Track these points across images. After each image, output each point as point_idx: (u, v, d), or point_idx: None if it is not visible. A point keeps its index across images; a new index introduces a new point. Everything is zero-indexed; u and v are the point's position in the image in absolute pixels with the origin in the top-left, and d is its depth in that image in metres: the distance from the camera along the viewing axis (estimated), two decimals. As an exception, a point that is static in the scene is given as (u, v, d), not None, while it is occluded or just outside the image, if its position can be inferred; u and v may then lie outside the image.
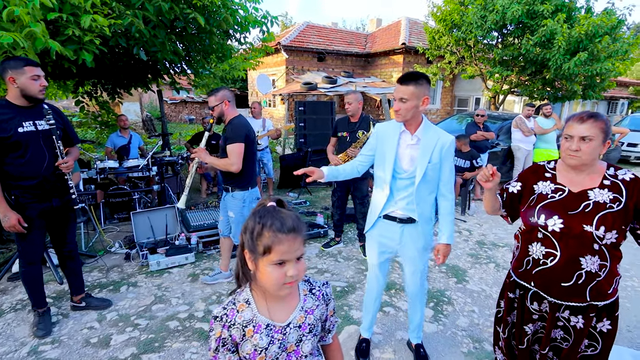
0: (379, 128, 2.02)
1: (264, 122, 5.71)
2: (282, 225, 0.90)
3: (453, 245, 4.08)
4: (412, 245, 1.99)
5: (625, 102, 15.03)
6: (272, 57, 13.10)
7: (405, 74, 1.80)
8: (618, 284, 1.52)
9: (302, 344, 1.01)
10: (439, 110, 13.70)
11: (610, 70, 7.62)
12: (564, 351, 1.60)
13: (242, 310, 0.98)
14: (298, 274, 0.93)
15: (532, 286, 1.58)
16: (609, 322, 1.52)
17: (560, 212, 1.47)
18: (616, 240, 1.42)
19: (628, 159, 9.86)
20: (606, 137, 1.43)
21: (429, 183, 1.91)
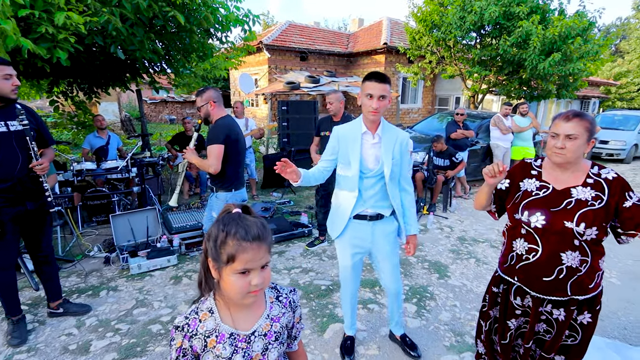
0: (339, 131, 1.99)
1: (246, 121, 5.67)
2: (247, 234, 0.88)
3: (435, 241, 4.20)
4: (384, 240, 2.03)
5: (596, 101, 15.67)
6: (255, 56, 13.01)
7: (378, 73, 1.82)
8: (601, 279, 1.56)
9: (269, 352, 0.99)
10: (420, 109, 13.91)
11: (582, 70, 7.91)
12: (546, 343, 1.65)
13: (204, 320, 0.95)
14: (263, 283, 0.91)
15: (515, 281, 1.63)
16: (590, 315, 1.57)
17: (543, 209, 1.51)
18: (597, 236, 1.46)
19: (600, 156, 10.29)
20: (590, 135, 1.47)
21: (395, 179, 1.97)
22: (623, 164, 10.07)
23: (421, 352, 2.26)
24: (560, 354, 1.66)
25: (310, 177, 1.92)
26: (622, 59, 28.78)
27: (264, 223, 0.94)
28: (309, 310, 2.75)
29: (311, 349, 2.33)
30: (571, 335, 1.61)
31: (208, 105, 2.71)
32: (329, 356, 2.27)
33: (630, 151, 10.07)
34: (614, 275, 3.46)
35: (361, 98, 1.87)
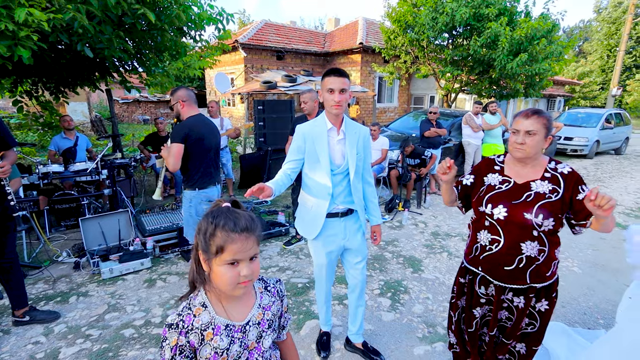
0: (304, 129, 1.97)
1: (221, 121, 5.62)
2: (235, 225, 0.91)
3: (410, 235, 4.31)
4: (356, 234, 2.07)
5: (562, 100, 16.44)
6: (230, 55, 12.85)
7: (337, 69, 1.85)
8: (557, 268, 1.67)
9: (263, 340, 1.03)
10: (396, 108, 14.15)
11: (547, 70, 8.28)
12: (507, 329, 1.75)
13: (199, 314, 0.97)
14: (252, 274, 0.94)
15: (479, 271, 1.71)
16: (547, 302, 1.67)
17: (505, 202, 1.60)
18: (553, 227, 1.56)
19: (565, 152, 10.80)
20: (548, 132, 1.57)
21: (358, 173, 2.02)
22: (586, 159, 10.61)
23: (384, 357, 2.22)
24: (521, 342, 1.75)
25: (280, 186, 1.87)
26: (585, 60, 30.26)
27: (252, 216, 0.97)
28: (285, 308, 2.77)
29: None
30: (531, 322, 1.70)
31: (178, 105, 2.75)
32: (305, 352, 2.30)
33: (593, 147, 10.62)
34: (575, 265, 3.66)
35: (322, 94, 1.90)
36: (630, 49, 28.77)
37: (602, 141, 10.93)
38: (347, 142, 1.96)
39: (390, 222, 4.78)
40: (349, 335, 2.31)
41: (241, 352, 0.99)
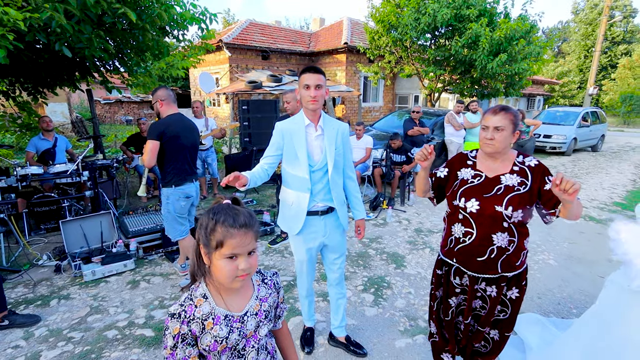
0: (282, 126, 2.00)
1: (206, 121, 5.60)
2: (234, 221, 0.97)
3: (393, 232, 4.38)
4: (335, 232, 2.10)
5: (541, 99, 16.91)
6: (215, 55, 12.75)
7: (312, 66, 1.93)
8: (526, 257, 1.74)
9: (260, 329, 1.09)
10: (381, 107, 14.29)
11: (526, 70, 8.50)
12: (482, 317, 1.82)
13: (200, 305, 1.02)
14: (250, 268, 0.99)
15: (454, 262, 1.78)
16: (517, 290, 1.75)
17: (477, 195, 1.67)
18: (522, 218, 1.63)
19: (544, 149, 11.11)
20: (515, 127, 1.64)
21: (338, 169, 2.05)
22: (564, 156, 10.94)
23: (367, 351, 2.28)
24: (494, 328, 1.83)
25: (256, 178, 1.90)
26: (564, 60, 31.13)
27: (251, 213, 1.03)
28: (270, 306, 2.79)
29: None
30: (503, 310, 1.78)
31: (157, 104, 2.85)
32: (290, 348, 2.33)
33: (571, 144, 10.95)
34: (551, 257, 3.80)
35: (300, 91, 1.94)
36: (606, 49, 29.75)
37: (580, 139, 11.28)
38: (326, 138, 1.99)
39: (375, 219, 4.86)
40: (332, 329, 2.36)
41: (239, 340, 1.05)
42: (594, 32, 28.26)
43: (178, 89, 19.59)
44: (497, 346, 1.87)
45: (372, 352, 2.30)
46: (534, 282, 3.26)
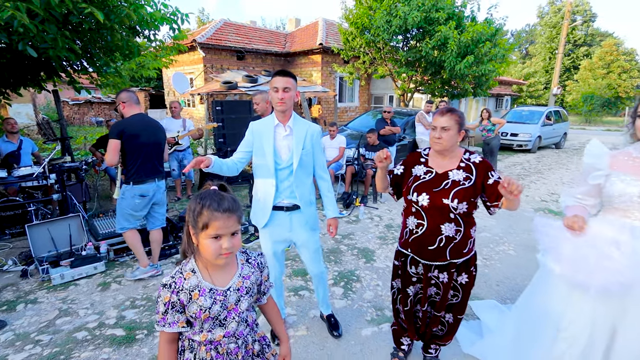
0: (253, 125, 2.13)
1: (184, 122, 5.58)
2: (219, 206, 1.10)
3: (365, 229, 4.52)
4: (301, 229, 2.20)
5: (509, 98, 17.65)
6: (189, 55, 12.59)
7: (282, 70, 2.03)
8: (473, 245, 1.90)
9: (240, 303, 1.22)
10: (357, 107, 14.51)
11: (492, 71, 8.89)
12: (437, 303, 1.97)
13: (188, 278, 1.17)
14: (233, 247, 1.12)
15: (409, 252, 1.92)
16: (466, 275, 1.91)
17: (427, 190, 1.81)
18: (467, 210, 1.78)
19: (511, 147, 11.62)
20: (460, 127, 1.80)
21: (305, 168, 2.14)
22: (530, 153, 11.49)
23: (342, 331, 2.46)
24: (448, 312, 1.98)
25: (222, 165, 1.98)
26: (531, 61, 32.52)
27: (235, 198, 1.17)
28: (242, 302, 2.86)
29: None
30: (455, 295, 1.94)
31: (120, 106, 2.99)
32: (261, 341, 2.41)
33: (535, 142, 11.52)
34: (511, 248, 4.03)
35: (270, 94, 2.05)
36: (569, 51, 31.31)
37: (544, 137, 11.87)
38: (294, 138, 2.08)
39: (348, 217, 4.99)
40: (320, 308, 2.60)
41: (221, 311, 1.18)
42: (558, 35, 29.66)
43: (151, 89, 19.15)
44: (452, 328, 2.02)
45: (339, 341, 2.41)
46: (494, 271, 3.47)
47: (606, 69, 26.62)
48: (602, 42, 29.29)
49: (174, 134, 5.44)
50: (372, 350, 2.34)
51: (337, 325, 2.49)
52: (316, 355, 2.28)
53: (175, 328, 1.16)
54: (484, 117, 8.01)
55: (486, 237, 4.32)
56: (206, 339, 1.19)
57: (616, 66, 26.43)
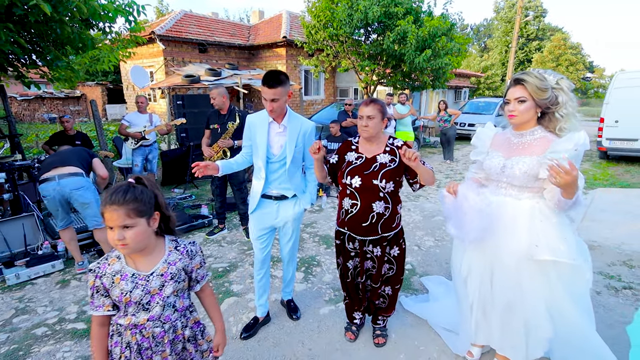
0: (250, 120, 2.24)
1: (150, 117, 5.49)
2: (110, 198, 1.16)
3: (327, 217, 4.71)
4: (286, 215, 2.33)
5: (467, 90, 18.49)
6: (147, 47, 12.18)
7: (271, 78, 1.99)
8: (400, 221, 2.14)
9: (165, 288, 1.27)
10: (323, 100, 14.66)
11: (448, 64, 9.31)
12: (374, 276, 2.19)
13: (113, 264, 1.24)
14: (125, 239, 1.16)
15: (346, 230, 2.12)
16: (397, 248, 2.15)
17: (359, 173, 2.01)
18: (394, 188, 2.01)
19: (469, 137, 12.24)
20: (383, 116, 2.00)
21: (296, 162, 2.27)
22: (486, 142, 12.14)
23: (300, 315, 2.61)
24: (387, 285, 2.21)
25: (232, 164, 2.25)
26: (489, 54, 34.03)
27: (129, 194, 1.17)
28: (205, 291, 2.95)
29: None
30: (390, 268, 2.17)
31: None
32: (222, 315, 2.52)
33: (491, 132, 12.19)
34: (461, 230, 4.36)
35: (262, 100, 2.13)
36: (523, 45, 33.03)
37: (498, 126, 12.57)
38: (288, 135, 2.19)
39: (311, 207, 5.15)
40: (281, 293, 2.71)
41: (143, 295, 1.24)
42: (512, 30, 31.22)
43: (108, 84, 18.32)
44: (392, 300, 2.27)
45: (299, 320, 2.58)
46: (444, 250, 3.76)
47: (555, 62, 28.40)
48: (552, 37, 31.17)
49: (140, 129, 5.36)
50: (329, 326, 2.52)
51: (296, 309, 2.63)
52: (277, 335, 2.43)
53: (101, 311, 1.23)
54: (441, 108, 8.43)
55: (439, 220, 4.63)
56: (130, 322, 1.24)
57: (564, 59, 28.27)
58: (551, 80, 1.75)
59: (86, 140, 4.94)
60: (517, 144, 1.84)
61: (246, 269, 3.34)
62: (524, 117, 1.77)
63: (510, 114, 1.79)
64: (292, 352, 2.26)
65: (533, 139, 1.80)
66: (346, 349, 2.29)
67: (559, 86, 1.75)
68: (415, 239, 4.05)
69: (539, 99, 1.72)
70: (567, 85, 1.77)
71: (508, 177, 1.82)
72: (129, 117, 5.46)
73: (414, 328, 2.49)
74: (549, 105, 1.74)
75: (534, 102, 1.73)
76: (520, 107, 1.75)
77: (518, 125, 1.82)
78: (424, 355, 2.23)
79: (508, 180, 1.83)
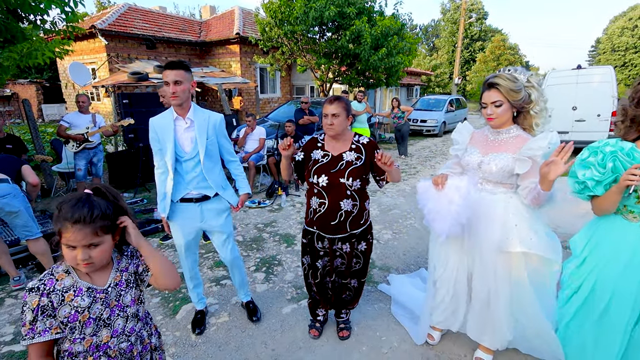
0: (153, 122, 2.11)
1: (93, 117, 5.09)
2: (71, 215, 1.01)
3: (287, 216, 4.68)
4: (214, 218, 2.25)
5: (418, 88, 19.31)
6: (88, 42, 11.33)
7: (173, 61, 2.01)
8: (368, 216, 2.16)
9: (122, 297, 1.18)
10: (279, 98, 14.53)
11: (400, 63, 9.63)
12: (343, 272, 2.20)
13: (61, 279, 1.08)
14: (90, 259, 1.05)
15: (315, 229, 2.10)
16: (365, 243, 2.17)
17: (326, 172, 2.00)
18: (361, 185, 2.02)
19: (421, 132, 12.78)
20: (348, 113, 2.01)
21: (212, 156, 2.19)
22: (437, 137, 12.76)
23: (261, 316, 2.56)
24: (353, 278, 2.24)
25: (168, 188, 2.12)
26: (437, 54, 35.72)
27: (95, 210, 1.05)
28: (160, 299, 2.81)
29: (163, 331, 2.44)
30: (357, 262, 2.19)
31: None
32: (181, 333, 2.42)
33: (441, 127, 12.83)
34: (416, 222, 4.54)
35: (163, 88, 2.03)
36: (467, 45, 35.03)
37: (448, 122, 13.27)
38: (196, 129, 2.10)
39: (270, 206, 5.10)
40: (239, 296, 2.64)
41: (103, 309, 1.13)
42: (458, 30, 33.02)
43: (44, 82, 16.82)
44: (358, 292, 2.30)
45: (261, 321, 2.54)
46: (402, 242, 3.89)
47: (496, 62, 30.45)
48: (493, 38, 33.38)
49: (83, 130, 4.96)
50: (292, 324, 2.51)
51: (255, 310, 2.57)
52: (238, 338, 2.37)
53: (48, 335, 1.03)
54: (394, 105, 8.71)
55: (396, 213, 4.79)
56: (91, 344, 1.10)
57: (504, 59, 30.40)
58: (522, 79, 1.81)
59: (19, 143, 4.48)
60: (493, 141, 1.93)
61: (204, 272, 3.22)
62: (502, 119, 1.84)
63: (488, 117, 1.86)
64: (254, 354, 2.22)
65: (509, 137, 1.89)
66: (309, 346, 2.30)
67: (530, 83, 1.83)
68: (374, 233, 4.14)
69: (514, 101, 1.79)
70: (537, 81, 1.85)
71: (484, 172, 1.90)
72: (68, 118, 5.05)
73: (375, 320, 2.55)
74: (524, 105, 1.83)
75: (510, 104, 1.81)
76: (498, 110, 1.82)
77: (497, 126, 1.89)
78: (385, 345, 2.29)
79: (484, 175, 1.91)
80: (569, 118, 8.53)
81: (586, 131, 8.35)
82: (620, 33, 32.19)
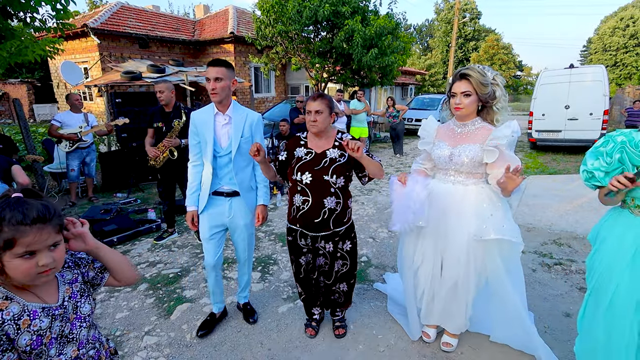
0: (194, 116, 2.18)
1: (86, 116, 5.05)
2: (25, 217, 0.89)
3: (283, 215, 4.66)
4: (239, 214, 2.25)
5: (412, 87, 19.37)
6: (80, 41, 11.22)
7: (216, 59, 2.06)
8: (351, 215, 2.17)
9: (79, 309, 1.09)
10: (274, 98, 14.50)
11: (394, 62, 9.64)
12: (326, 272, 2.20)
13: (6, 308, 0.93)
14: (54, 262, 0.94)
15: (298, 227, 2.10)
16: (349, 242, 2.17)
17: (309, 169, 2.00)
18: (344, 183, 2.03)
19: (417, 131, 12.79)
20: (331, 110, 2.01)
21: (244, 155, 2.18)
22: (432, 137, 12.80)
23: (257, 317, 2.52)
24: (342, 282, 2.23)
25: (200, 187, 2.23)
26: (431, 53, 35.87)
27: (48, 205, 0.96)
28: (155, 299, 2.78)
29: (157, 332, 2.41)
30: (344, 263, 2.19)
31: None
32: (176, 334, 2.39)
33: (436, 126, 12.87)
34: (412, 220, 4.55)
35: (206, 84, 2.07)
36: (461, 45, 35.23)
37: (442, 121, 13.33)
38: (233, 125, 2.13)
39: (266, 205, 5.06)
40: (236, 297, 2.60)
41: (64, 325, 1.04)
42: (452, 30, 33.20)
43: (35, 81, 16.63)
44: (348, 295, 2.31)
45: (257, 321, 2.52)
46: (395, 239, 3.89)
47: (490, 61, 30.67)
48: (486, 37, 33.60)
49: (76, 130, 4.90)
50: (288, 323, 2.49)
51: (252, 312, 2.53)
52: (234, 338, 2.35)
53: None
54: (389, 104, 8.73)
55: (392, 212, 4.79)
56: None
57: (497, 59, 30.62)
58: (489, 76, 1.91)
59: (9, 143, 4.42)
60: (460, 133, 1.98)
61: (199, 272, 3.20)
62: (469, 110, 1.92)
63: (456, 106, 1.92)
64: (250, 354, 2.20)
65: (475, 129, 1.96)
66: (306, 345, 2.28)
67: (495, 82, 1.93)
68: (370, 231, 4.15)
69: (481, 94, 1.88)
70: (501, 81, 1.96)
71: (456, 164, 1.95)
72: (60, 117, 4.99)
73: (372, 318, 2.54)
74: (489, 99, 1.91)
75: (477, 96, 1.88)
76: (466, 101, 1.89)
77: (463, 117, 1.95)
78: (382, 343, 2.29)
79: (456, 167, 1.96)
80: (562, 117, 8.60)
81: (579, 130, 8.43)
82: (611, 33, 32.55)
